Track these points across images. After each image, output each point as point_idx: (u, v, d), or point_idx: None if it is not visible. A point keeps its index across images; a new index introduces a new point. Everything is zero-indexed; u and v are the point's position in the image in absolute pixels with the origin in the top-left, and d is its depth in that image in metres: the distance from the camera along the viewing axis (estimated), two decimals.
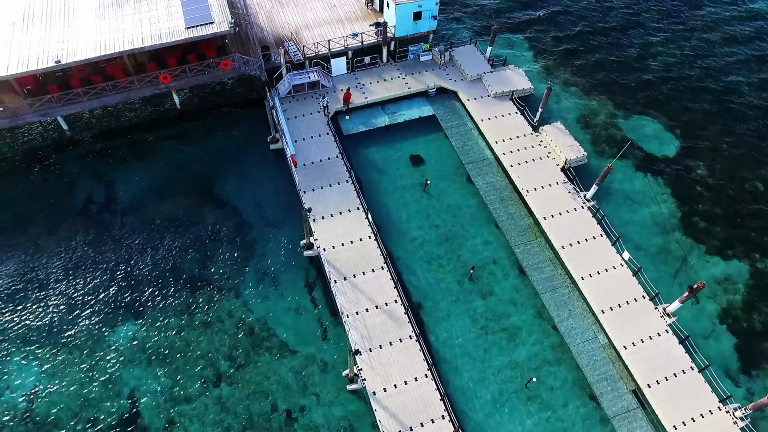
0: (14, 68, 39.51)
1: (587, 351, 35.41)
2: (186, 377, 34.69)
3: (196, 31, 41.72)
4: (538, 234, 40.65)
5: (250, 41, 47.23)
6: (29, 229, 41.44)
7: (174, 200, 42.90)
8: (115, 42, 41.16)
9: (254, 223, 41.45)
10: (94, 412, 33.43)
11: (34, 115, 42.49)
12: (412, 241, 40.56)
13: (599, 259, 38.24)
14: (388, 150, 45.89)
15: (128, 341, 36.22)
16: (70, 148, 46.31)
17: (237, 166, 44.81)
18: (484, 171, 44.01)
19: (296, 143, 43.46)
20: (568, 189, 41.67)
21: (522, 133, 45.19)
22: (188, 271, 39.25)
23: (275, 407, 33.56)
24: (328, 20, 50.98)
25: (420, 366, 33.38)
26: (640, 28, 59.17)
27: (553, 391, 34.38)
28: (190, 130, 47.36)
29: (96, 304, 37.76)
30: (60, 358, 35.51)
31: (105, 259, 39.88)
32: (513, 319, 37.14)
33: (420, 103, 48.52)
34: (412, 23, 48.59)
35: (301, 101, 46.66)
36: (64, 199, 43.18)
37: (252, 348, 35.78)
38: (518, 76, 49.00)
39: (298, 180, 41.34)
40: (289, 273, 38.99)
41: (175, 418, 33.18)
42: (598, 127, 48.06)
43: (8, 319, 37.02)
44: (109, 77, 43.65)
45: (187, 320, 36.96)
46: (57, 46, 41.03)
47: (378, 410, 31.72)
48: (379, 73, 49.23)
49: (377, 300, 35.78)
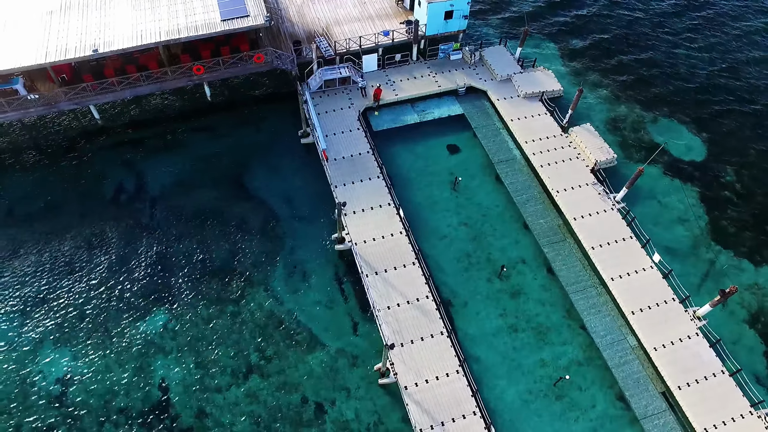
0: (52, 56, 39.84)
1: (616, 352, 35.42)
2: (216, 367, 34.89)
3: (231, 23, 41.93)
4: (568, 234, 40.72)
5: (281, 35, 47.44)
6: (61, 216, 41.74)
7: (204, 191, 43.14)
8: (151, 32, 41.41)
9: (284, 216, 41.66)
10: (125, 400, 33.65)
11: (68, 103, 42.79)
12: (442, 238, 40.69)
13: (629, 261, 38.25)
14: (416, 147, 46.01)
15: (159, 330, 36.44)
16: (101, 137, 46.61)
17: (266, 159, 45.04)
18: (513, 171, 44.08)
19: (327, 138, 43.65)
20: (598, 190, 41.72)
21: (551, 133, 45.26)
22: (218, 262, 39.48)
23: (305, 400, 33.73)
24: (359, 17, 51.16)
25: (451, 362, 33.49)
26: (668, 33, 59.11)
27: (581, 390, 34.43)
28: (220, 123, 47.62)
29: (127, 293, 37.99)
30: (91, 345, 35.75)
31: (135, 248, 40.13)
32: (542, 318, 37.23)
33: (449, 101, 48.64)
34: (443, 22, 48.68)
35: (332, 96, 46.86)
36: (95, 188, 43.47)
37: (282, 340, 35.96)
38: (548, 77, 49.09)
39: (330, 174, 41.53)
40: (319, 267, 39.18)
41: (205, 408, 33.36)
42: (625, 130, 48.09)
43: (40, 306, 37.29)
44: (143, 67, 43.92)
45: (218, 311, 37.18)
46: (94, 35, 41.31)
47: (410, 404, 31.86)
48: (409, 70, 49.40)
49: (408, 295, 35.91)
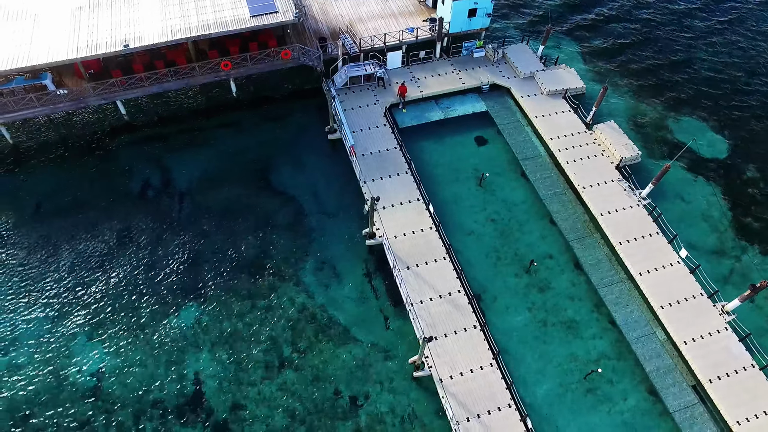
0: (83, 51, 40.04)
1: (646, 346, 35.74)
2: (250, 361, 35.08)
3: (260, 19, 42.20)
4: (594, 230, 41.04)
5: (306, 32, 47.69)
6: (89, 211, 41.89)
7: (231, 187, 43.34)
8: (180, 28, 41.65)
9: (312, 212, 41.88)
10: (160, 393, 33.82)
11: (96, 98, 43.01)
12: (469, 234, 40.97)
13: (656, 256, 38.60)
14: (441, 144, 46.29)
15: (191, 324, 36.64)
16: (127, 132, 46.80)
17: (293, 154, 45.28)
18: (538, 167, 44.41)
19: (354, 134, 43.91)
20: (623, 187, 42.07)
21: (576, 130, 45.60)
22: (248, 257, 39.68)
23: (339, 393, 33.96)
24: (381, 14, 51.46)
25: (485, 355, 33.81)
26: (690, 32, 59.41)
27: (612, 384, 34.72)
28: (246, 119, 47.83)
29: (158, 287, 38.20)
30: (124, 339, 35.93)
31: (164, 243, 40.32)
32: (570, 313, 37.52)
33: (473, 99, 48.93)
34: (467, 20, 49.03)
35: (357, 93, 47.16)
36: (122, 184, 43.62)
37: (314, 334, 36.18)
38: (570, 75, 49.42)
39: (359, 170, 41.81)
40: (349, 262, 39.41)
41: (240, 401, 33.57)
42: (648, 127, 48.43)
43: (73, 300, 37.51)
44: (171, 63, 44.20)
45: (249, 305, 37.39)
46: (124, 30, 41.53)
47: (446, 397, 32.17)
48: (432, 67, 49.69)
49: (441, 290, 36.22)
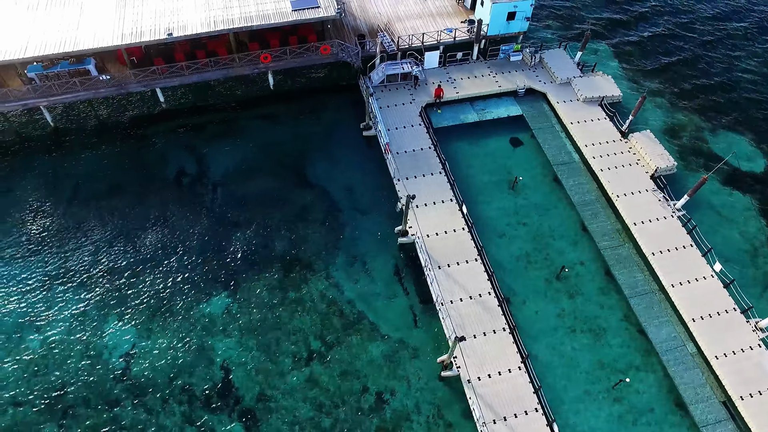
0: (128, 38, 40.66)
1: (675, 358, 35.42)
2: (278, 352, 35.37)
3: (302, 13, 42.55)
4: (627, 239, 40.77)
5: (345, 28, 48.00)
6: (125, 196, 42.56)
7: (265, 178, 43.75)
8: (223, 19, 42.12)
9: (344, 207, 42.12)
10: (188, 379, 34.26)
11: (137, 85, 43.64)
12: (500, 236, 40.92)
13: (689, 269, 38.24)
14: (475, 145, 46.31)
15: (221, 312, 37.03)
16: (165, 120, 47.45)
17: (327, 149, 45.59)
18: (571, 173, 44.22)
19: (389, 132, 44.06)
20: (658, 197, 41.77)
21: (611, 138, 45.35)
22: (280, 248, 40.01)
23: (366, 388, 34.10)
24: (419, 14, 51.57)
25: (514, 358, 33.78)
26: (729, 43, 58.81)
27: (639, 394, 34.46)
28: (282, 111, 48.26)
29: (189, 274, 38.67)
30: (155, 323, 36.46)
31: (197, 231, 40.80)
32: (600, 321, 37.30)
33: (508, 102, 48.86)
34: (505, 23, 49.00)
35: (393, 91, 47.34)
36: (158, 170, 44.26)
37: (343, 329, 36.37)
38: (607, 82, 49.14)
39: (393, 168, 41.95)
40: (380, 258, 39.56)
41: (267, 391, 33.85)
42: (684, 138, 48.01)
43: (105, 282, 38.14)
44: (212, 53, 44.70)
45: (280, 297, 37.69)
46: (167, 19, 42.11)
47: (473, 398, 32.18)
48: (469, 69, 49.71)
49: (471, 291, 36.24)
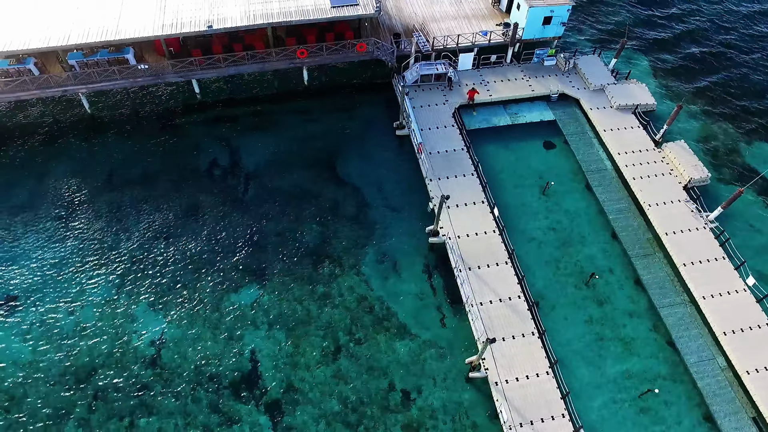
0: (168, 29, 41.14)
1: (705, 371, 35.11)
2: (306, 345, 35.60)
3: (341, 11, 42.80)
4: (657, 248, 40.51)
5: (381, 27, 48.18)
6: (158, 184, 43.10)
7: (296, 173, 44.04)
8: (263, 13, 42.48)
9: (375, 204, 42.29)
10: (216, 367, 34.59)
11: (174, 75, 44.14)
12: (530, 240, 40.86)
13: (721, 281, 37.90)
14: (507, 149, 46.28)
15: (250, 303, 37.33)
16: (199, 111, 47.97)
17: (359, 146, 45.84)
18: (603, 180, 44.02)
19: (422, 132, 44.16)
20: (690, 208, 41.46)
21: (644, 147, 45.08)
22: (310, 242, 40.26)
23: (392, 386, 34.19)
24: (455, 15, 51.62)
25: (542, 363, 33.71)
26: (765, 55, 58.36)
27: (667, 406, 34.22)
28: (315, 107, 48.58)
29: (220, 263, 39.04)
30: (184, 311, 36.85)
31: (229, 222, 41.19)
32: (628, 330, 37.08)
33: (541, 106, 48.78)
34: (541, 27, 48.93)
35: (426, 91, 47.43)
36: (191, 160, 44.73)
37: (371, 325, 36.51)
38: (641, 90, 48.84)
39: (426, 168, 42.04)
40: (410, 257, 39.66)
41: (295, 383, 34.08)
42: (718, 150, 47.61)
43: (138, 268, 38.65)
44: (249, 46, 45.05)
45: (309, 290, 37.93)
46: (207, 11, 42.53)
47: (500, 400, 32.17)
48: (503, 72, 49.68)
49: (501, 293, 36.23)
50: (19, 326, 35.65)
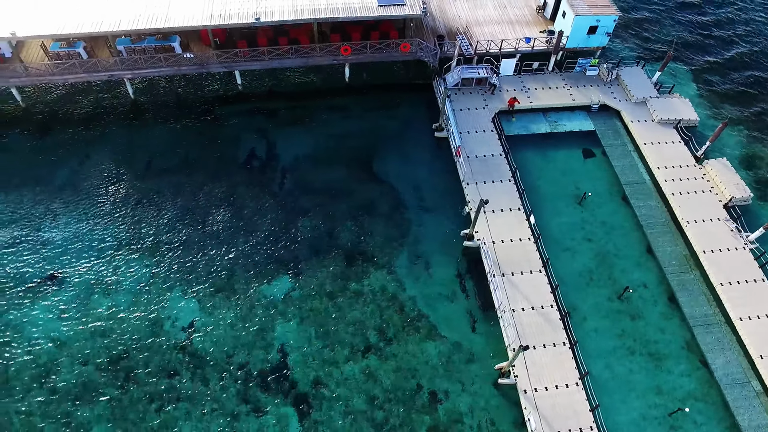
0: (216, 19, 41.59)
1: (738, 394, 34.51)
2: (336, 341, 35.72)
3: (388, 9, 42.92)
4: (694, 266, 39.93)
5: (424, 28, 48.20)
6: (196, 173, 43.62)
7: (333, 169, 44.25)
8: (310, 8, 42.79)
9: (411, 205, 42.30)
10: (246, 357, 34.89)
11: (218, 66, 44.63)
12: (565, 250, 40.55)
13: (759, 303, 37.23)
14: (545, 157, 46.02)
15: (282, 296, 37.57)
16: (239, 102, 48.43)
17: (397, 146, 45.87)
18: (641, 194, 43.50)
19: (461, 135, 44.08)
20: (730, 227, 40.82)
21: (685, 163, 44.47)
22: (344, 239, 40.41)
23: (420, 386, 34.17)
24: (498, 20, 51.43)
25: (572, 373, 33.45)
26: None
27: (697, 425, 33.73)
28: (354, 105, 48.78)
29: (254, 255, 39.36)
30: (216, 300, 37.22)
31: (264, 214, 41.52)
32: (660, 346, 36.59)
33: (581, 116, 48.39)
34: (586, 36, 48.51)
35: (467, 95, 47.33)
36: (230, 151, 45.19)
37: (402, 326, 36.52)
38: (684, 105, 48.20)
39: (464, 171, 41.96)
40: (443, 259, 39.61)
41: (323, 379, 34.23)
42: (762, 170, 46.77)
43: (172, 255, 39.16)
44: (294, 41, 45.37)
45: (341, 287, 38.06)
46: (255, 4, 42.93)
47: (528, 408, 31.99)
48: (544, 79, 49.39)
49: (534, 301, 36.04)
50: (57, 305, 36.36)
